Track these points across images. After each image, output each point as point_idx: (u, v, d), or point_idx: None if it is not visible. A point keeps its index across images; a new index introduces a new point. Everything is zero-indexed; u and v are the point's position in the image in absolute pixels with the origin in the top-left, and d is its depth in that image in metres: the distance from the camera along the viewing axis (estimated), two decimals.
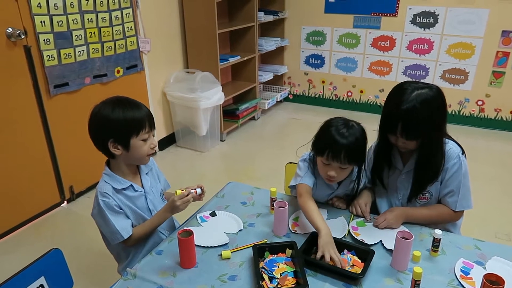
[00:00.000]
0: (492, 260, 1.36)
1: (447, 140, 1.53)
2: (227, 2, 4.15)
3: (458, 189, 1.53)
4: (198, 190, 1.56)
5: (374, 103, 4.65)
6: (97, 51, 2.94)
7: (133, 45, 3.24)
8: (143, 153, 1.50)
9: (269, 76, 4.65)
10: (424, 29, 4.13)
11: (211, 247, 1.45)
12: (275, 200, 1.64)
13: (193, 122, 3.57)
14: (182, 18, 3.75)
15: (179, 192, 1.51)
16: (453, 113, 4.27)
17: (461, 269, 1.32)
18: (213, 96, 3.58)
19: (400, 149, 1.54)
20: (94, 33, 2.89)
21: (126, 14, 3.11)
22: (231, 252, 1.41)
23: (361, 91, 4.69)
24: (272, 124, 4.56)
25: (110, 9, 2.97)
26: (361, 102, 4.73)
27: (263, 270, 1.32)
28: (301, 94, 5.06)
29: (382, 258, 1.38)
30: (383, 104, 4.75)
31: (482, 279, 1.13)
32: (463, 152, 1.56)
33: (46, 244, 2.46)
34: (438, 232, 1.38)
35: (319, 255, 1.32)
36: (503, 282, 1.11)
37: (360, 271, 1.30)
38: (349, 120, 1.54)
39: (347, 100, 4.80)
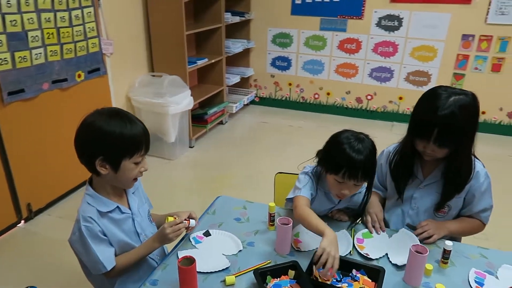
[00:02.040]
0: (502, 269, 1.34)
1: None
2: (192, 3, 3.98)
3: (490, 205, 1.52)
4: (192, 222, 1.43)
5: (341, 105, 4.68)
6: (56, 54, 2.68)
7: (95, 47, 3.00)
8: (130, 176, 1.34)
9: (236, 79, 4.53)
10: (389, 32, 4.20)
11: (211, 272, 1.32)
12: (274, 216, 1.54)
13: (161, 129, 3.37)
14: (146, 18, 3.53)
15: (170, 219, 1.37)
16: None
17: (475, 281, 1.29)
18: (182, 100, 3.40)
19: (426, 157, 1.47)
20: (53, 33, 2.62)
21: (87, 14, 2.87)
22: (235, 277, 1.29)
23: (328, 93, 4.70)
24: (241, 128, 4.45)
25: (69, 7, 2.72)
26: (328, 104, 4.74)
27: None
28: (268, 96, 4.99)
29: (392, 273, 1.32)
30: (349, 106, 4.78)
31: None
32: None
33: (2, 270, 2.19)
34: (449, 243, 1.33)
35: (319, 252, 1.23)
36: None
37: None
38: (357, 132, 1.45)
39: (314, 102, 4.79)
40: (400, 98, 4.41)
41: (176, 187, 3.20)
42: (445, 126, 1.33)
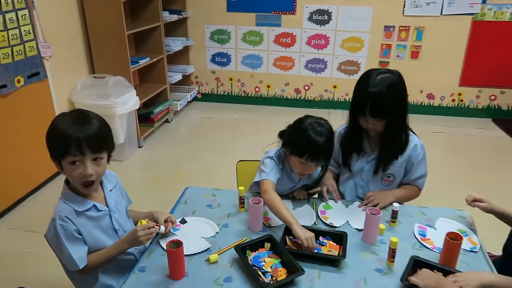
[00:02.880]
0: (439, 221, 1.61)
1: (410, 132, 1.74)
2: (128, 2, 3.94)
3: (425, 172, 1.78)
4: (162, 228, 1.46)
5: (281, 96, 4.91)
6: None
7: (32, 51, 2.89)
8: (74, 179, 1.34)
9: (178, 77, 4.57)
10: (320, 26, 4.50)
11: (195, 254, 1.43)
12: (243, 199, 1.68)
13: None
14: (83, 19, 3.45)
15: (143, 222, 1.41)
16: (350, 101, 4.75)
17: (419, 233, 1.54)
18: (128, 101, 3.39)
19: (370, 131, 1.69)
20: None
21: (22, 16, 2.76)
22: (218, 255, 1.41)
23: (268, 86, 4.91)
24: (187, 125, 4.50)
25: (3, 10, 2.60)
26: (268, 96, 4.95)
27: (254, 267, 1.35)
28: (210, 92, 5.09)
29: (353, 236, 1.53)
30: (289, 97, 5.00)
31: (445, 238, 1.34)
32: None
33: None
34: (396, 205, 1.58)
35: (305, 244, 1.40)
36: (461, 237, 1.34)
37: (341, 253, 1.41)
38: (318, 118, 1.63)
39: (256, 96, 4.98)
40: (335, 87, 4.74)
41: (132, 188, 3.14)
42: (375, 99, 1.56)
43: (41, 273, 2.26)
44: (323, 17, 4.44)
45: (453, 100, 4.57)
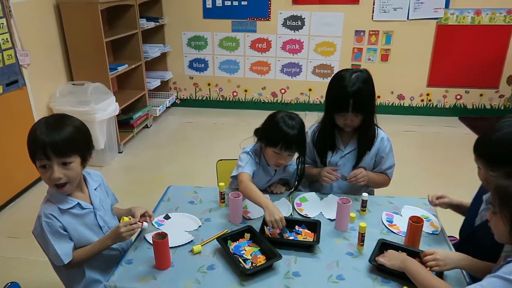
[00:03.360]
0: (404, 209, 1.76)
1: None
2: (106, 10, 3.99)
3: (393, 163, 1.93)
4: (145, 224, 1.51)
5: (258, 100, 5.04)
6: None
7: (11, 59, 2.92)
8: (46, 181, 1.40)
9: (157, 83, 4.63)
10: (294, 31, 4.65)
11: (179, 246, 1.52)
12: (224, 194, 1.78)
13: None
14: (61, 27, 3.49)
15: (125, 219, 1.47)
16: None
17: (386, 220, 1.67)
18: (108, 107, 3.44)
19: (346, 128, 1.83)
20: None
21: None
22: (201, 246, 1.50)
23: (246, 90, 5.02)
24: (167, 130, 4.57)
25: None
26: (246, 100, 5.06)
27: (235, 255, 1.45)
28: (188, 98, 5.16)
29: (326, 225, 1.65)
30: (266, 100, 5.12)
31: (408, 221, 1.48)
32: None
33: None
34: (365, 195, 1.71)
35: (269, 226, 1.51)
36: (422, 220, 1.48)
37: (315, 239, 1.53)
38: (289, 112, 1.76)
39: (233, 100, 5.09)
40: (310, 90, 4.90)
41: (115, 192, 3.24)
42: (356, 96, 1.70)
43: (25, 278, 2.28)
44: (297, 23, 4.61)
45: (422, 100, 4.80)
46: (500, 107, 4.71)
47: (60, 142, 1.33)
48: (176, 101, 5.16)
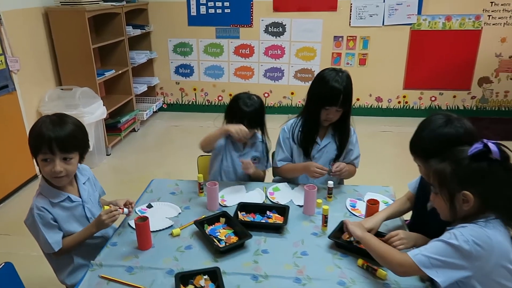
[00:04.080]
0: (366, 195, 1.92)
1: None
2: (93, 18, 4.14)
3: (359, 154, 2.11)
4: (125, 210, 1.64)
5: None
6: None
7: (1, 65, 3.05)
8: (45, 174, 1.53)
9: (143, 88, 4.78)
10: (275, 37, 4.85)
11: (160, 230, 1.67)
12: (202, 185, 1.94)
13: None
14: (49, 34, 3.63)
15: (106, 207, 1.59)
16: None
17: (350, 205, 1.84)
18: (95, 110, 3.58)
19: (325, 123, 2.00)
20: None
21: None
22: (180, 230, 1.65)
23: (230, 95, 5.19)
24: (154, 133, 4.71)
25: None
26: None
27: (211, 236, 1.61)
28: (175, 102, 5.32)
29: (295, 210, 1.81)
30: None
31: (366, 203, 1.65)
32: None
33: None
34: (330, 182, 1.88)
35: (236, 136, 1.92)
36: (378, 202, 1.66)
37: (284, 222, 1.69)
38: (251, 94, 2.04)
39: (219, 104, 5.25)
40: (292, 93, 5.09)
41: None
42: (345, 92, 1.87)
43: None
44: (278, 29, 4.81)
45: (399, 102, 5.02)
46: (472, 107, 4.95)
47: (65, 138, 1.47)
48: (163, 106, 5.31)
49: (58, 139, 1.46)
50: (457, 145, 1.33)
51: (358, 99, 4.96)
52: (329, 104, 1.92)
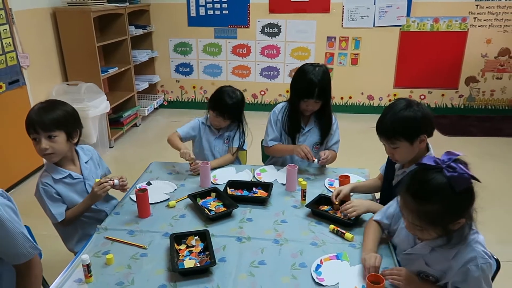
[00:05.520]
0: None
1: None
2: (98, 18, 4.38)
3: (338, 139, 2.32)
4: (116, 181, 1.80)
5: None
6: None
7: (13, 61, 3.28)
8: (38, 152, 1.68)
9: (145, 85, 5.01)
10: (271, 38, 5.08)
11: (157, 202, 1.88)
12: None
13: (83, 131, 3.72)
14: (57, 33, 3.87)
15: (97, 180, 1.76)
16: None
17: (328, 183, 2.06)
18: (100, 104, 3.81)
19: (306, 112, 2.21)
20: None
21: (3, 30, 3.16)
22: (176, 202, 1.87)
23: None
24: (155, 128, 4.94)
25: None
26: None
27: (202, 207, 1.82)
28: (175, 100, 5.55)
29: (278, 188, 2.03)
30: (247, 102, 5.48)
31: (339, 178, 1.87)
32: None
33: None
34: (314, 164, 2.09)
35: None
36: (349, 177, 1.88)
37: (267, 196, 1.91)
38: (235, 88, 2.25)
39: None
40: (287, 91, 5.28)
41: None
42: (320, 85, 2.07)
43: None
44: (274, 30, 5.03)
45: (390, 100, 5.23)
46: (460, 106, 5.16)
47: (47, 119, 1.63)
48: (164, 103, 5.54)
49: (40, 120, 1.62)
50: (415, 126, 1.55)
51: (350, 97, 5.18)
52: (306, 97, 2.12)
